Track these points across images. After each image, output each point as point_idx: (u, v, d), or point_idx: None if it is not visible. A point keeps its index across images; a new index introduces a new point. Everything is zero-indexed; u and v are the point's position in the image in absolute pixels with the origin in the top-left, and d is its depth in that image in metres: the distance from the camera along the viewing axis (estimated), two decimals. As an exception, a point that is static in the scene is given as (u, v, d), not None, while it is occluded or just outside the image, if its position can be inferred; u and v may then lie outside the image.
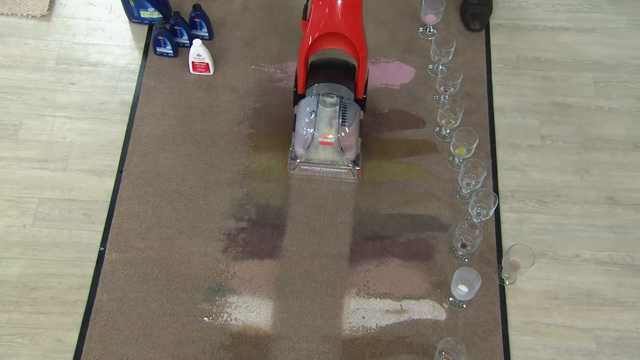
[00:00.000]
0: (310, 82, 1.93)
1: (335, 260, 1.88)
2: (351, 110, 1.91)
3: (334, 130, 1.88)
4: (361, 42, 1.79)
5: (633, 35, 2.32)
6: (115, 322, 1.76)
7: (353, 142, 1.95)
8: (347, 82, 1.92)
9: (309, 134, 1.90)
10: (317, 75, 1.93)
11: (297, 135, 1.95)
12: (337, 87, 1.91)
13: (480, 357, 1.73)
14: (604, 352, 1.74)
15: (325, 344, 1.75)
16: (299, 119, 1.94)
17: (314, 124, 1.88)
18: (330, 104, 1.88)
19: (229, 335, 1.75)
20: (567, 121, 2.14)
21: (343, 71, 1.94)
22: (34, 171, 2.00)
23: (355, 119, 1.93)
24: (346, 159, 1.95)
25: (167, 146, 2.06)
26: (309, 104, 1.91)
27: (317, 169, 1.99)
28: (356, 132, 1.95)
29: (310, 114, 1.89)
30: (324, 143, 1.90)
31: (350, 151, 1.95)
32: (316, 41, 1.79)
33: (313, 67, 1.95)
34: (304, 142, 1.93)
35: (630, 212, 1.97)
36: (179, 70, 2.21)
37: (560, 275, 1.86)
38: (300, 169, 1.99)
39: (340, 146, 1.91)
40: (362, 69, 1.86)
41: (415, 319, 1.79)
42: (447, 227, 1.93)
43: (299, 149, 1.95)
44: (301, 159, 1.96)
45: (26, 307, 1.78)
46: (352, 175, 1.99)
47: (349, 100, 1.92)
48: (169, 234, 1.90)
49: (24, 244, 1.88)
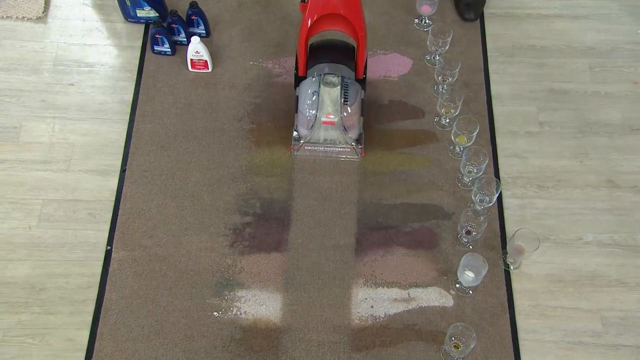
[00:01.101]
0: (310, 63, 1.96)
1: (341, 251, 1.89)
2: (353, 90, 1.94)
3: (337, 109, 1.91)
4: (360, 22, 1.82)
5: (626, 20, 2.35)
6: (126, 319, 1.77)
7: (355, 121, 1.97)
8: (348, 62, 1.96)
9: (312, 115, 1.93)
10: (318, 56, 1.96)
11: (299, 116, 1.97)
12: (338, 67, 1.94)
13: (489, 341, 1.75)
14: (609, 332, 1.77)
15: (335, 334, 1.77)
16: (301, 100, 1.96)
17: (316, 105, 1.91)
18: (333, 84, 1.90)
19: (239, 328, 1.77)
20: (564, 107, 2.16)
21: (343, 52, 1.98)
22: (37, 173, 2.00)
23: (357, 98, 1.95)
24: (349, 137, 1.97)
25: (169, 144, 2.06)
26: (310, 85, 1.94)
27: (320, 148, 2.01)
28: (358, 111, 1.97)
29: (312, 94, 1.92)
30: (327, 123, 1.93)
31: (353, 130, 1.98)
32: (315, 23, 1.82)
33: (313, 49, 1.98)
34: (307, 122, 1.95)
35: (630, 194, 1.99)
36: (177, 68, 2.21)
37: (564, 259, 1.88)
38: (304, 149, 2.02)
39: (343, 125, 1.94)
40: (361, 49, 1.89)
41: (423, 307, 1.81)
42: (451, 215, 1.95)
43: (303, 129, 1.98)
44: (305, 140, 1.98)
45: (35, 307, 1.78)
46: (355, 154, 2.01)
47: (350, 79, 1.95)
48: (175, 230, 1.91)
49: (30, 246, 1.88)
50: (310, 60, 1.97)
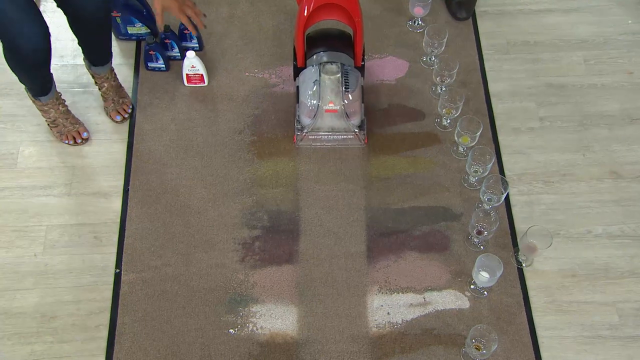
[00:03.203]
0: (309, 53, 1.99)
1: (353, 259, 1.88)
2: (353, 77, 1.96)
3: (339, 97, 1.92)
4: (356, 10, 1.84)
5: (616, 11, 2.37)
6: (141, 343, 1.74)
7: (357, 107, 1.99)
8: (346, 50, 1.98)
9: (314, 104, 1.94)
10: (316, 46, 1.99)
11: (301, 106, 1.99)
12: (337, 55, 1.96)
13: (508, 340, 1.75)
14: (627, 324, 1.77)
15: (354, 343, 1.75)
16: (302, 90, 1.97)
17: (318, 93, 1.92)
18: (333, 72, 1.92)
19: (257, 344, 1.74)
20: (563, 101, 2.17)
21: (340, 40, 2.01)
22: (38, 198, 1.96)
23: (358, 85, 1.97)
24: (352, 124, 1.99)
25: (170, 161, 2.04)
26: (311, 75, 1.95)
27: (324, 137, 2.03)
28: (359, 98, 1.99)
29: (313, 84, 1.93)
30: (329, 111, 1.94)
31: (355, 117, 1.99)
32: (312, 13, 1.84)
33: (310, 39, 2.00)
34: (309, 112, 1.97)
35: (635, 184, 2.00)
36: (173, 84, 2.19)
37: (576, 253, 1.89)
38: (307, 139, 2.03)
39: (345, 112, 1.95)
40: (358, 35, 1.92)
41: (440, 310, 1.80)
42: (460, 216, 1.94)
43: (305, 118, 1.99)
44: (308, 129, 1.99)
45: (48, 337, 1.75)
46: (358, 141, 2.03)
47: (349, 66, 1.97)
48: (183, 249, 1.89)
49: (37, 274, 1.84)
50: (308, 51, 1.99)
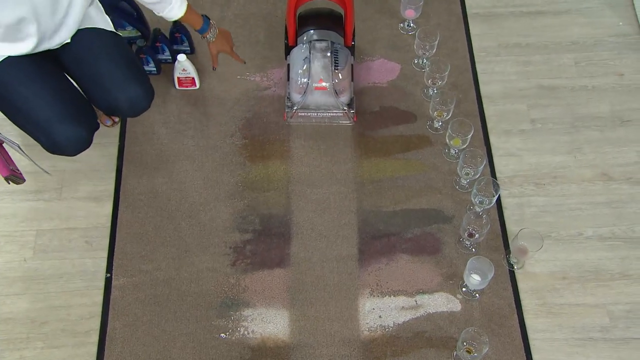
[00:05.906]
0: (300, 31, 2.02)
1: (344, 262, 1.88)
2: (342, 55, 1.99)
3: (328, 75, 1.95)
4: None
5: (606, 13, 2.37)
6: (132, 348, 1.73)
7: (346, 85, 2.02)
8: (336, 29, 2.02)
9: (304, 82, 1.97)
10: (306, 24, 2.03)
11: (292, 83, 2.02)
12: (327, 33, 2.01)
13: (500, 343, 1.75)
14: (617, 326, 1.77)
15: (346, 347, 1.75)
16: (293, 67, 2.01)
17: (308, 71, 1.95)
18: (321, 49, 1.95)
19: (248, 349, 1.74)
20: (554, 103, 2.17)
21: (330, 19, 2.05)
22: (28, 203, 1.95)
23: (347, 63, 2.00)
24: (341, 102, 2.01)
25: (161, 165, 2.03)
26: (301, 52, 1.98)
27: (313, 114, 2.06)
28: (349, 76, 2.02)
29: (303, 62, 1.96)
30: (319, 88, 1.97)
31: (345, 94, 2.02)
32: None
33: (301, 18, 2.04)
34: (299, 89, 2.00)
35: (625, 186, 2.01)
36: (164, 87, 2.18)
37: (566, 255, 1.89)
38: (297, 116, 2.06)
39: (334, 90, 1.97)
40: (349, 15, 1.94)
41: (431, 313, 1.80)
42: (451, 219, 1.94)
43: (295, 95, 2.02)
44: (298, 106, 2.01)
45: (38, 342, 1.74)
46: (347, 119, 2.06)
47: (339, 45, 2.00)
48: (174, 253, 1.88)
49: (27, 279, 1.84)
50: (299, 29, 2.03)
